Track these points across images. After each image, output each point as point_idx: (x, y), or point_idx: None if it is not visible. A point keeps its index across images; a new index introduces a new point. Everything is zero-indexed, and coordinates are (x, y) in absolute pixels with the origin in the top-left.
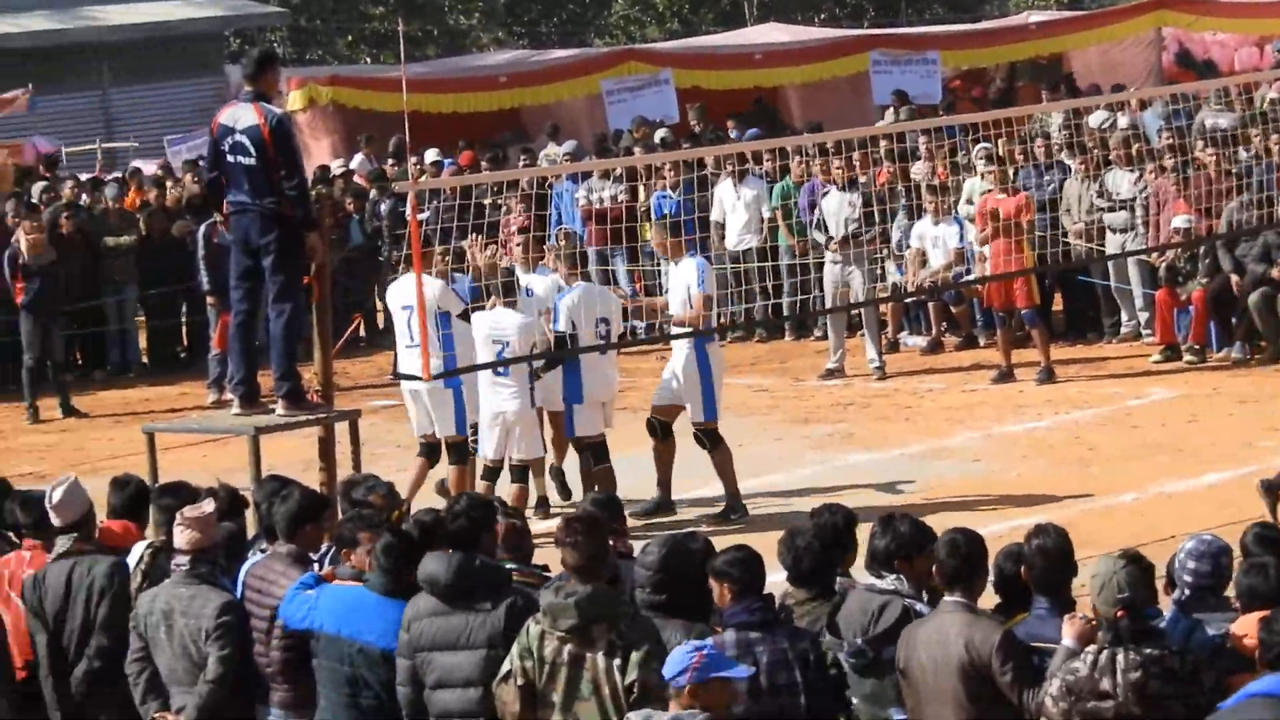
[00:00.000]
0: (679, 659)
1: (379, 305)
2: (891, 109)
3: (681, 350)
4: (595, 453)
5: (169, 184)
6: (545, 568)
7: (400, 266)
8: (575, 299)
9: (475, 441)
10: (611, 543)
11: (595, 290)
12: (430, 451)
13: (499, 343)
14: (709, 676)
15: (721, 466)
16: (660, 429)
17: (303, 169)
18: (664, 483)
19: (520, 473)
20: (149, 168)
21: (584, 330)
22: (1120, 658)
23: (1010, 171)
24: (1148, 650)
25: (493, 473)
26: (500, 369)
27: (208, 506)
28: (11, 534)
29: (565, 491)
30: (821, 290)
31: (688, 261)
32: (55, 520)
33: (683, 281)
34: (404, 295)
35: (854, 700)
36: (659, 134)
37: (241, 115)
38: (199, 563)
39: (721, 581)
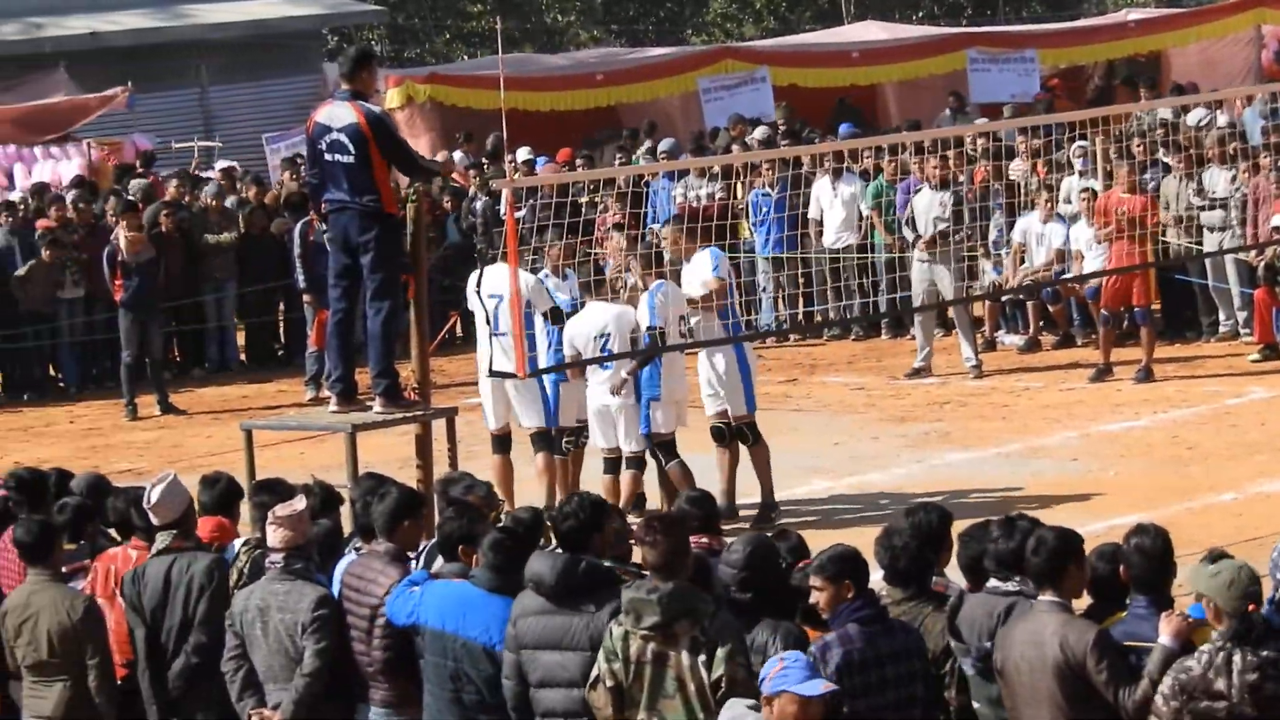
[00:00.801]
0: (767, 664)
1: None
2: (948, 110)
3: (715, 352)
4: (666, 451)
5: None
6: (641, 566)
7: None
8: (665, 295)
9: (569, 440)
10: (707, 540)
11: (676, 287)
12: (503, 446)
13: (601, 336)
14: (779, 689)
15: (761, 463)
16: (727, 434)
17: (415, 153)
18: (729, 489)
19: (636, 461)
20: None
21: (669, 328)
22: (1236, 658)
23: (1125, 171)
24: (1265, 652)
25: (614, 465)
26: (605, 364)
27: (299, 504)
28: (112, 530)
29: None
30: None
31: (700, 254)
32: (154, 518)
33: (697, 274)
34: (492, 285)
35: (976, 704)
36: (757, 132)
37: (339, 113)
38: (293, 559)
39: (833, 579)
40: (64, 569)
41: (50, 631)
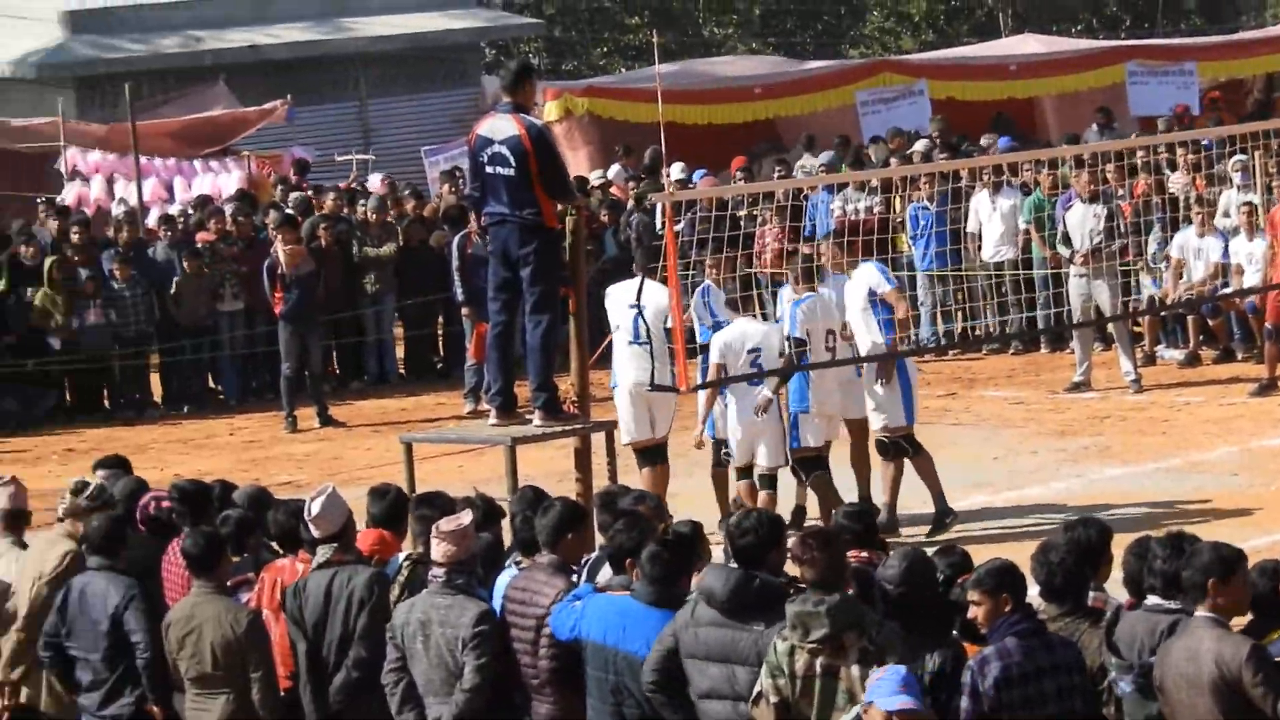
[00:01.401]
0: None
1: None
2: (1095, 125)
3: (870, 366)
4: (810, 465)
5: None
6: (794, 580)
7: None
8: (810, 308)
9: (727, 452)
10: (866, 555)
11: (827, 302)
12: (651, 457)
13: (753, 351)
14: (869, 700)
15: (927, 472)
16: (892, 448)
17: (568, 175)
18: (891, 503)
19: (768, 480)
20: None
21: (813, 342)
22: None
23: None
24: None
25: (756, 477)
26: (754, 380)
27: (465, 519)
28: (275, 544)
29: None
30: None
31: (863, 267)
32: (314, 530)
33: (862, 288)
34: (628, 295)
35: None
36: (917, 145)
37: (501, 126)
38: (456, 574)
39: (991, 593)
40: (228, 582)
41: (214, 644)
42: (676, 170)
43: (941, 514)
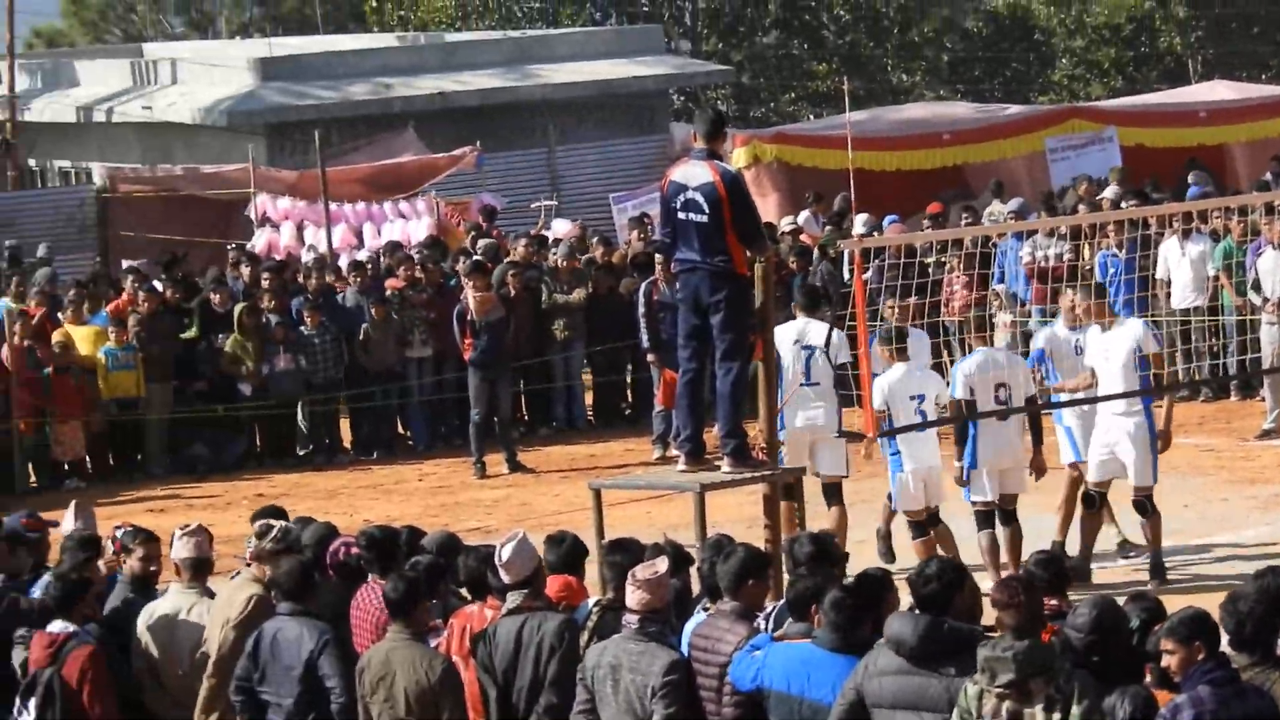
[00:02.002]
0: None
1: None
2: (1269, 174)
3: (1125, 417)
4: (981, 520)
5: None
6: (990, 629)
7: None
8: (972, 365)
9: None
10: (1055, 602)
11: (996, 356)
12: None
13: (915, 398)
14: None
15: (1157, 531)
16: (1098, 500)
17: (760, 222)
18: (1087, 553)
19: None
20: (567, 226)
21: (981, 395)
22: None
23: None
24: None
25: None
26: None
27: (661, 566)
28: (463, 590)
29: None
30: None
31: (1131, 323)
32: (504, 576)
33: (1125, 343)
34: (789, 335)
35: None
36: (1106, 192)
37: (695, 173)
38: (649, 621)
39: (1184, 641)
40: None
41: (407, 690)
42: (860, 224)
43: (1159, 569)
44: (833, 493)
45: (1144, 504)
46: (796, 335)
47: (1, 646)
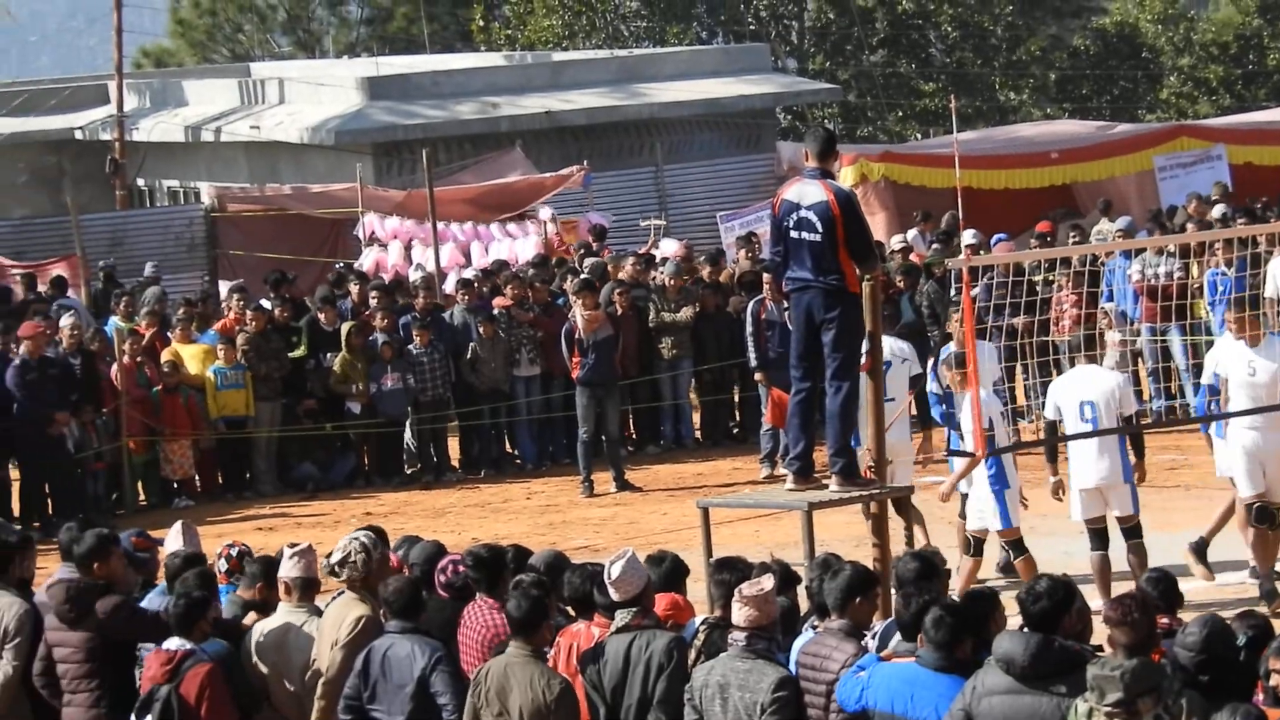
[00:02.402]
0: None
1: (929, 382)
2: None
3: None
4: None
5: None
6: (1099, 648)
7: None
8: (1060, 385)
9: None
10: (1167, 621)
11: (1084, 373)
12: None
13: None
14: None
15: (1271, 551)
16: (1276, 518)
17: (873, 241)
18: (1269, 572)
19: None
20: (675, 246)
21: (1068, 415)
22: None
23: None
24: None
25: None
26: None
27: (767, 584)
28: (569, 608)
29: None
30: None
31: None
32: (613, 594)
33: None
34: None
35: None
36: (1215, 210)
37: (808, 192)
38: (757, 639)
39: None
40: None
41: (523, 708)
42: (969, 237)
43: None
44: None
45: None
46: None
47: (124, 659)
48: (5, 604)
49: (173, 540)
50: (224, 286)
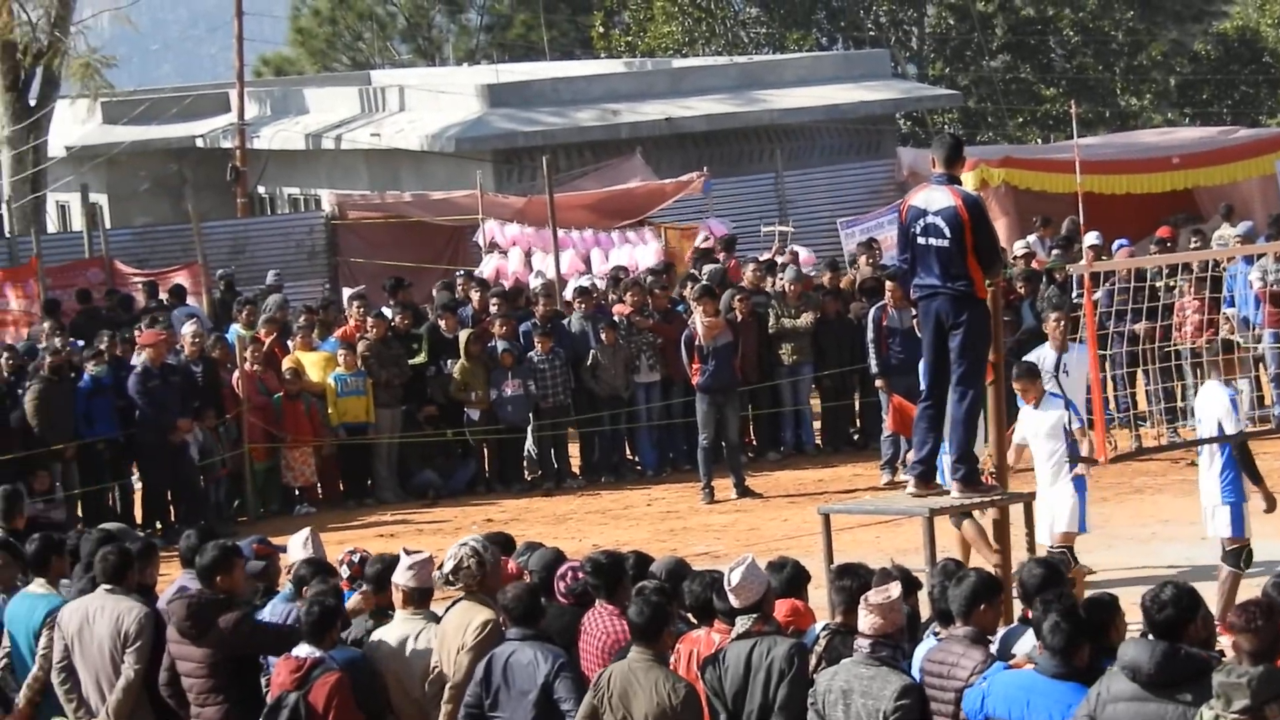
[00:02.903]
0: None
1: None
2: None
3: None
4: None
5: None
6: (1221, 654)
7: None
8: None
9: None
10: None
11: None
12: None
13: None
14: None
15: None
16: None
17: (999, 247)
18: None
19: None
20: (805, 253)
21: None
22: None
23: None
24: None
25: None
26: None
27: (894, 591)
28: (690, 615)
29: None
30: None
31: None
32: (734, 600)
33: None
34: None
35: None
36: None
37: (936, 197)
38: (881, 646)
39: None
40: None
41: (648, 713)
42: (1091, 239)
43: None
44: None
45: None
46: None
47: (249, 669)
48: (125, 608)
49: (297, 548)
50: (345, 293)
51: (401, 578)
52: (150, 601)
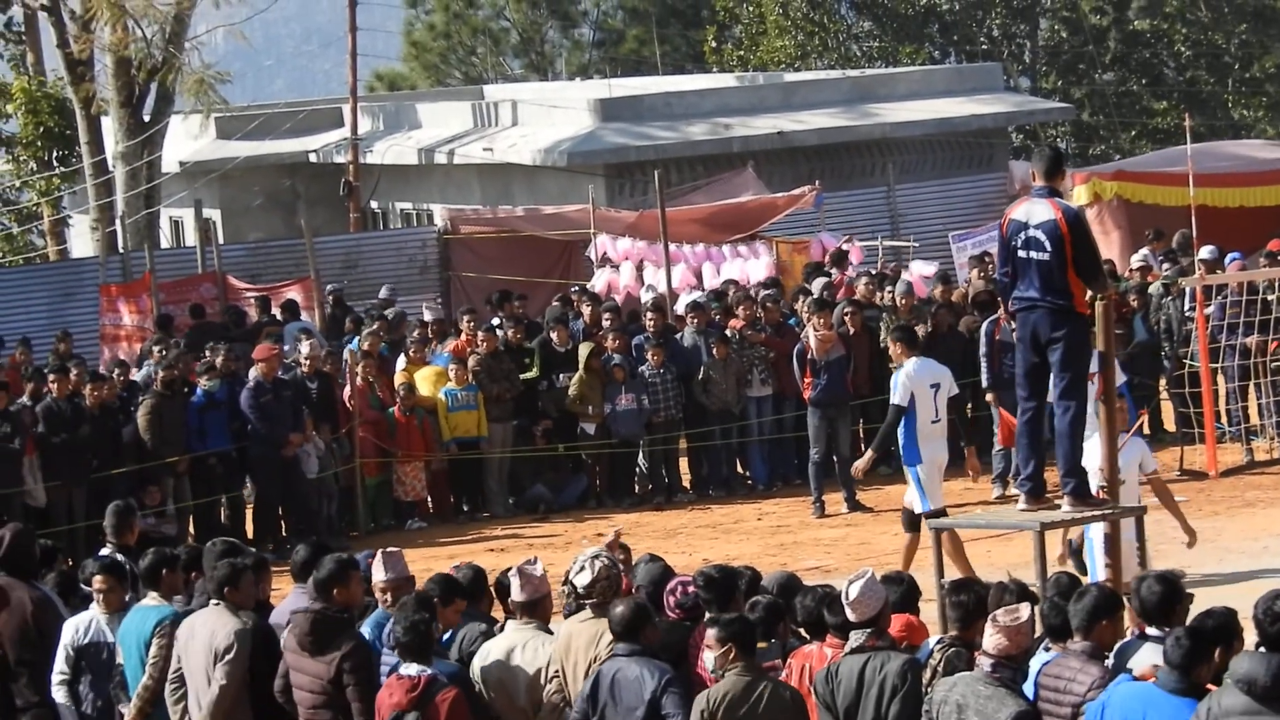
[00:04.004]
0: None
1: (1164, 400)
2: None
3: None
4: None
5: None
6: None
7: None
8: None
9: None
10: None
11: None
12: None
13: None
14: None
15: None
16: None
17: (1100, 260)
18: None
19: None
20: (928, 267)
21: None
22: None
23: None
24: None
25: None
26: None
27: (1024, 613)
28: (801, 630)
29: None
30: None
31: None
32: (850, 614)
33: None
34: (929, 375)
35: None
36: None
37: (1037, 210)
38: (1003, 667)
39: None
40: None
41: None
42: (1206, 252)
43: None
44: (916, 522)
45: None
46: (930, 374)
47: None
48: (219, 624)
49: (377, 569)
50: (427, 313)
51: (513, 588)
52: (260, 615)
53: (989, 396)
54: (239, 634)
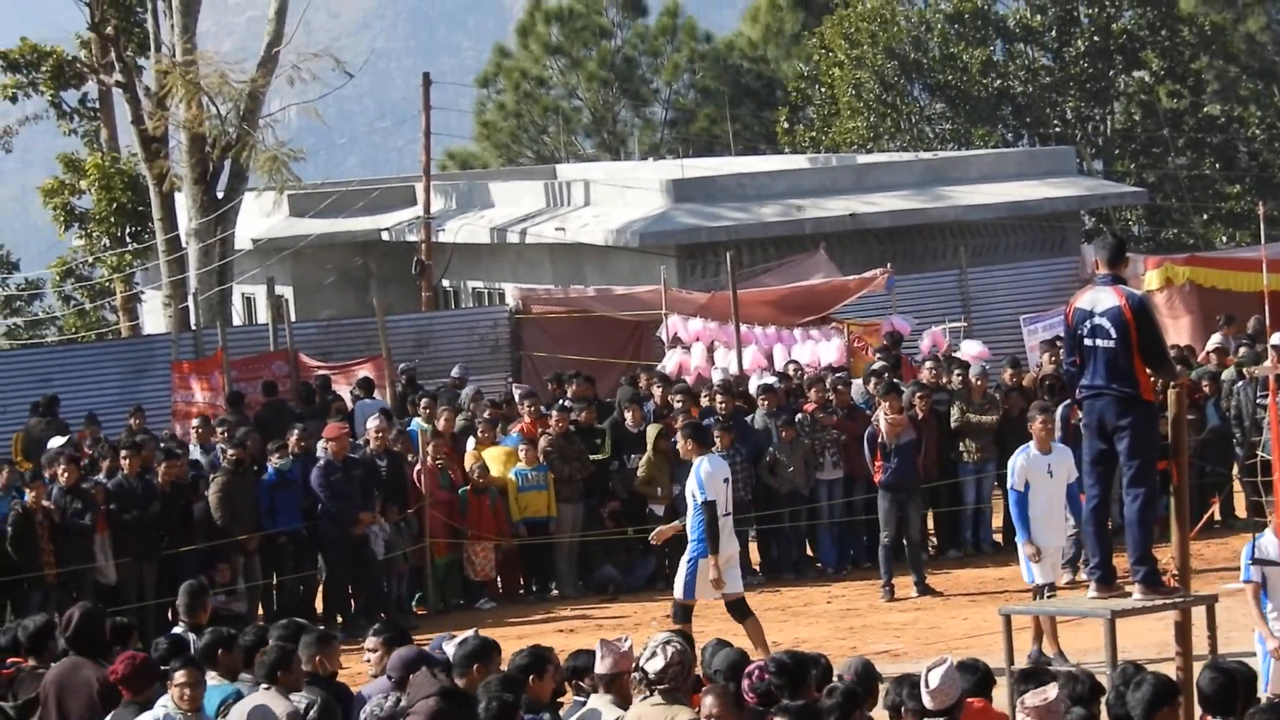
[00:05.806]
0: None
1: (1237, 487)
2: None
3: None
4: None
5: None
6: None
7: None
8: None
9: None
10: None
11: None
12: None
13: None
14: None
15: None
16: None
17: (1166, 347)
18: None
19: None
20: (975, 346)
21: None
22: None
23: None
24: None
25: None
26: None
27: (1051, 693)
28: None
29: None
30: None
31: None
32: (929, 703)
33: None
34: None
35: None
36: None
37: (1101, 298)
38: None
39: None
40: None
41: None
42: (1277, 338)
43: None
44: (742, 609)
45: None
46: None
47: None
48: (274, 704)
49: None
50: (516, 391)
51: (597, 663)
52: (333, 690)
53: None
54: (290, 716)
